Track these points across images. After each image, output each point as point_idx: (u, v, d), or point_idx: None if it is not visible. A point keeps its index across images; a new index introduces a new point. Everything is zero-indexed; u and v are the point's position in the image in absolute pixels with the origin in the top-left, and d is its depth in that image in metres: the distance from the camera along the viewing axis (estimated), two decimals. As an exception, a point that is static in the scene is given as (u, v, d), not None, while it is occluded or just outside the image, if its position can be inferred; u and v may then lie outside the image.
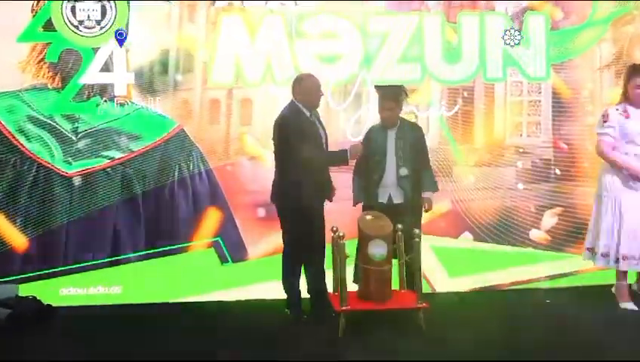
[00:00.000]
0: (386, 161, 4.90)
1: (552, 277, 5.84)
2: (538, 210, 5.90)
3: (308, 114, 4.90)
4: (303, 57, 5.67)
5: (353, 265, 4.94)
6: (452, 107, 5.82)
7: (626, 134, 4.99)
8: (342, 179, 5.18)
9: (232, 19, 5.60)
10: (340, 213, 5.10)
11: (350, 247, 4.78)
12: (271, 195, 5.00)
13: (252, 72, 5.67)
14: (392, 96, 4.93)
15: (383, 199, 4.92)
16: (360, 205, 5.10)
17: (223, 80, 5.67)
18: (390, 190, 4.95)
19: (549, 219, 5.90)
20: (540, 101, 5.88)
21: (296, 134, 4.74)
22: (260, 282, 5.57)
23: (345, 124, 5.75)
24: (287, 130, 4.80)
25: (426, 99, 5.82)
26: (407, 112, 5.59)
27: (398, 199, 4.95)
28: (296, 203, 4.80)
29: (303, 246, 4.84)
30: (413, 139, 5.01)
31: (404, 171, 4.91)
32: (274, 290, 5.22)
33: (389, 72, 5.74)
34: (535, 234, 5.92)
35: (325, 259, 4.98)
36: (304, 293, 5.03)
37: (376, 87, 5.09)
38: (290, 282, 4.95)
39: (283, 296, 5.06)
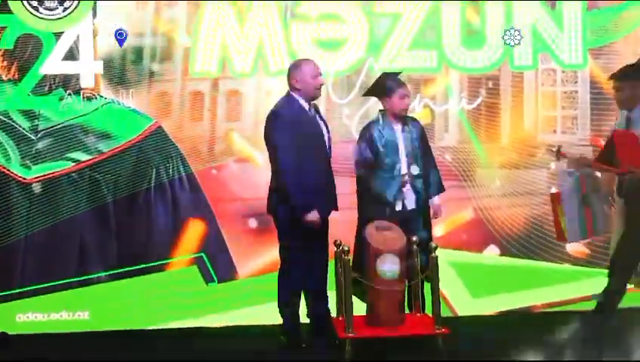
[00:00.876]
0: (400, 161, 4.86)
1: (593, 298, 5.45)
2: None
3: (306, 107, 4.74)
4: (299, 43, 5.61)
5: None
6: (474, 100, 5.76)
7: None
8: (345, 183, 5.07)
9: (218, -1, 5.60)
10: (344, 223, 5.03)
11: None
12: (267, 205, 4.88)
13: (241, 60, 5.61)
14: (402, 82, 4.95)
15: (399, 206, 4.86)
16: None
17: (208, 69, 5.61)
18: (405, 194, 4.89)
19: (589, 230, 5.56)
20: (576, 92, 5.82)
21: (291, 131, 4.62)
22: (251, 305, 5.52)
23: (349, 120, 5.67)
24: (280, 125, 4.66)
25: (444, 91, 5.77)
26: (421, 106, 5.66)
27: (410, 204, 4.90)
28: (293, 212, 4.68)
29: (302, 263, 4.74)
30: (418, 133, 4.98)
31: (415, 169, 4.88)
32: (268, 314, 5.13)
33: (399, 60, 5.67)
34: (573, 248, 5.78)
35: (328, 277, 4.91)
36: (303, 317, 4.93)
37: (389, 74, 5.05)
38: (286, 304, 4.84)
39: (278, 320, 4.92)
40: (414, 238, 4.66)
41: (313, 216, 4.64)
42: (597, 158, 4.76)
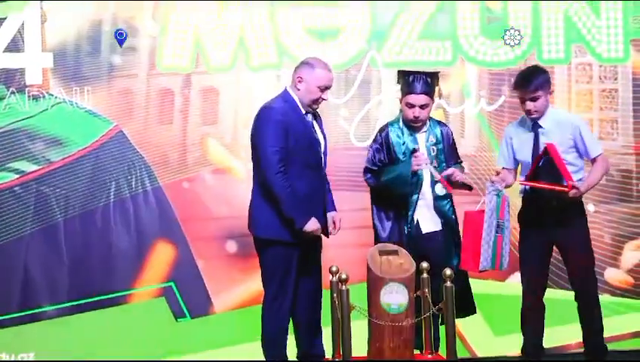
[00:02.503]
0: (422, 176, 4.82)
1: (638, 335, 5.80)
2: (616, 242, 5.85)
3: (303, 111, 4.73)
4: (288, 32, 5.65)
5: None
6: (495, 99, 5.78)
7: None
8: (345, 199, 5.12)
9: (191, -21, 5.61)
10: (342, 247, 5.09)
11: (356, 295, 4.50)
12: (248, 221, 4.84)
13: (218, 51, 5.63)
14: (425, 87, 4.81)
15: (427, 228, 4.89)
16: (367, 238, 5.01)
17: (178, 62, 5.63)
18: (417, 215, 4.87)
19: (632, 254, 5.88)
20: (616, 90, 5.82)
21: (283, 129, 4.59)
22: (229, 344, 5.52)
23: (346, 123, 5.69)
24: (271, 121, 4.61)
25: (460, 89, 5.80)
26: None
27: (429, 226, 4.89)
28: (275, 232, 4.65)
29: (289, 294, 4.71)
30: (444, 143, 4.94)
31: (441, 189, 4.85)
32: (249, 355, 5.15)
33: (407, 52, 5.70)
34: (612, 275, 5.85)
35: (321, 311, 4.89)
36: (292, 356, 4.88)
37: (402, 73, 4.94)
38: (272, 343, 4.80)
39: (260, 362, 4.93)
40: (425, 264, 4.54)
41: (313, 224, 4.60)
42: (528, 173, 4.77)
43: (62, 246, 5.53)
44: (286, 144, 4.56)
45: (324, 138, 4.83)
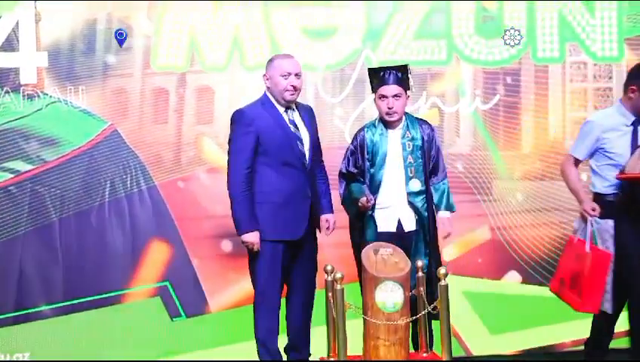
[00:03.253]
0: (391, 173, 4.81)
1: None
2: None
3: (281, 109, 4.75)
4: (283, 31, 5.66)
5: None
6: (490, 98, 5.79)
7: None
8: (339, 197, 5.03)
9: (186, -22, 5.59)
10: (337, 246, 5.10)
11: (351, 293, 4.58)
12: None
13: (213, 50, 5.63)
14: (396, 78, 4.79)
15: (389, 227, 4.82)
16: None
17: (173, 61, 5.62)
18: (399, 213, 4.83)
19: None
20: (610, 89, 5.84)
21: (250, 133, 4.65)
22: (225, 344, 5.52)
23: (341, 122, 5.69)
24: (238, 124, 4.71)
25: (455, 88, 5.79)
26: (428, 106, 5.69)
27: (409, 225, 4.83)
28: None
29: (275, 293, 4.75)
30: (423, 139, 4.87)
31: (415, 185, 4.81)
32: (244, 354, 5.10)
33: (402, 51, 5.70)
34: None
35: (311, 311, 4.92)
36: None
37: (371, 70, 4.93)
38: (262, 343, 4.80)
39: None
40: (420, 263, 4.61)
41: (252, 238, 4.62)
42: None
43: (57, 245, 5.51)
44: (253, 145, 4.62)
45: (310, 132, 4.80)
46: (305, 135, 4.77)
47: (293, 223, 4.72)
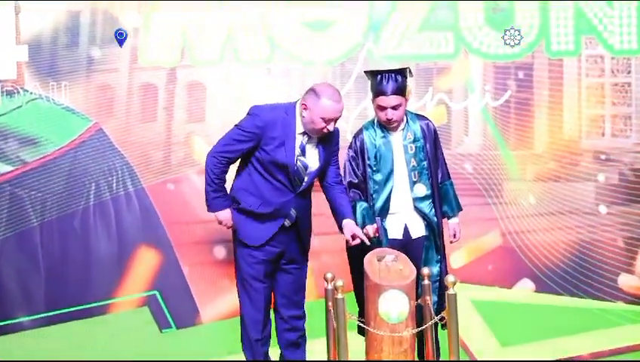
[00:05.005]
0: (395, 179, 4.79)
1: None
2: (630, 245, 5.85)
3: (298, 130, 4.70)
4: (280, 24, 5.66)
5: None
6: (501, 94, 5.78)
7: None
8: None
9: (176, -34, 5.70)
10: (337, 252, 5.05)
11: (353, 302, 4.67)
12: None
13: (205, 44, 5.64)
14: (396, 87, 4.71)
15: (396, 234, 4.82)
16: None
17: (163, 56, 5.65)
18: (405, 219, 4.82)
19: (648, 259, 5.91)
20: (629, 84, 5.82)
21: (258, 132, 4.63)
22: (217, 357, 5.49)
23: (343, 120, 5.41)
24: (251, 118, 4.65)
25: (463, 84, 5.80)
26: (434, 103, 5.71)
27: (416, 231, 4.84)
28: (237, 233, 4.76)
29: (254, 301, 4.75)
30: (425, 138, 4.85)
31: (420, 190, 4.79)
32: None
33: (406, 44, 5.71)
34: (626, 281, 5.82)
35: (305, 320, 4.90)
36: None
37: (369, 73, 4.89)
38: (249, 349, 4.82)
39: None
40: (426, 271, 4.56)
41: (224, 215, 4.67)
42: None
43: (38, 252, 5.57)
44: (249, 148, 4.60)
45: (322, 162, 4.75)
46: (312, 163, 4.74)
47: (259, 231, 4.72)
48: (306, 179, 4.74)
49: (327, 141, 4.77)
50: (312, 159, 4.74)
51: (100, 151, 5.59)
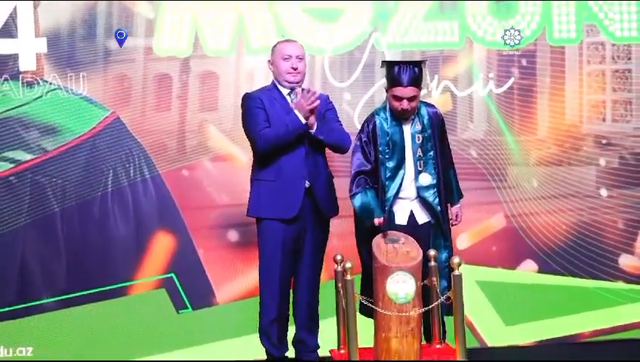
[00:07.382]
0: (406, 167, 4.77)
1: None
2: (630, 227, 5.87)
3: (285, 92, 4.88)
4: (288, 14, 5.65)
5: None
6: (504, 81, 5.78)
7: None
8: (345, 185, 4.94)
9: (188, -40, 5.56)
10: (347, 235, 5.07)
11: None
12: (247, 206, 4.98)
13: (217, 35, 5.63)
14: (413, 78, 4.69)
15: (402, 219, 4.82)
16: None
17: (177, 47, 5.62)
18: (411, 205, 4.82)
19: (647, 240, 5.84)
20: (629, 71, 5.84)
21: (263, 109, 4.81)
22: (232, 337, 5.55)
23: (350, 107, 5.68)
24: (251, 103, 4.86)
25: (468, 71, 5.78)
26: (439, 91, 5.71)
27: (422, 217, 4.82)
28: (258, 211, 4.86)
29: (276, 278, 4.84)
30: (432, 129, 4.82)
31: (425, 179, 4.78)
32: (252, 348, 5.14)
33: (412, 33, 5.70)
34: (627, 262, 5.84)
35: (317, 302, 4.96)
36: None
37: (386, 63, 4.84)
38: (264, 332, 4.91)
39: (263, 354, 4.98)
40: (432, 252, 4.65)
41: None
42: None
43: (59, 237, 5.53)
44: (265, 117, 4.78)
45: (318, 117, 4.80)
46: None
47: (286, 201, 4.79)
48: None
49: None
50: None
51: (117, 139, 5.54)
